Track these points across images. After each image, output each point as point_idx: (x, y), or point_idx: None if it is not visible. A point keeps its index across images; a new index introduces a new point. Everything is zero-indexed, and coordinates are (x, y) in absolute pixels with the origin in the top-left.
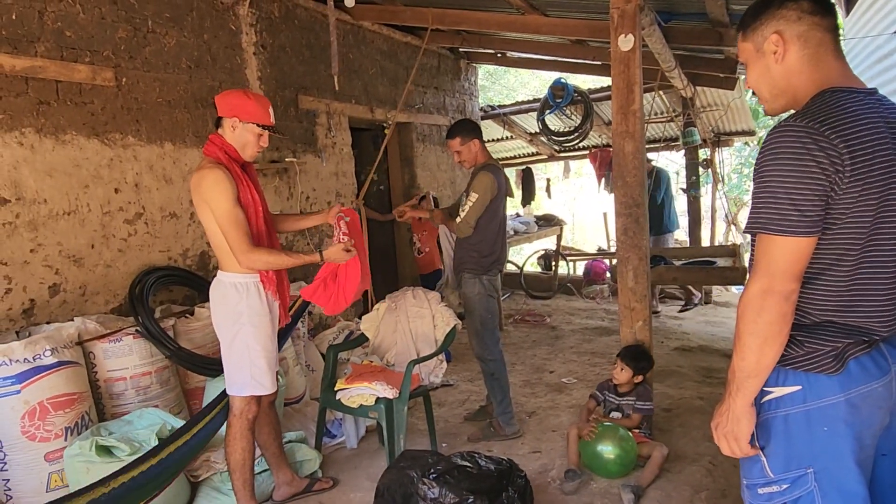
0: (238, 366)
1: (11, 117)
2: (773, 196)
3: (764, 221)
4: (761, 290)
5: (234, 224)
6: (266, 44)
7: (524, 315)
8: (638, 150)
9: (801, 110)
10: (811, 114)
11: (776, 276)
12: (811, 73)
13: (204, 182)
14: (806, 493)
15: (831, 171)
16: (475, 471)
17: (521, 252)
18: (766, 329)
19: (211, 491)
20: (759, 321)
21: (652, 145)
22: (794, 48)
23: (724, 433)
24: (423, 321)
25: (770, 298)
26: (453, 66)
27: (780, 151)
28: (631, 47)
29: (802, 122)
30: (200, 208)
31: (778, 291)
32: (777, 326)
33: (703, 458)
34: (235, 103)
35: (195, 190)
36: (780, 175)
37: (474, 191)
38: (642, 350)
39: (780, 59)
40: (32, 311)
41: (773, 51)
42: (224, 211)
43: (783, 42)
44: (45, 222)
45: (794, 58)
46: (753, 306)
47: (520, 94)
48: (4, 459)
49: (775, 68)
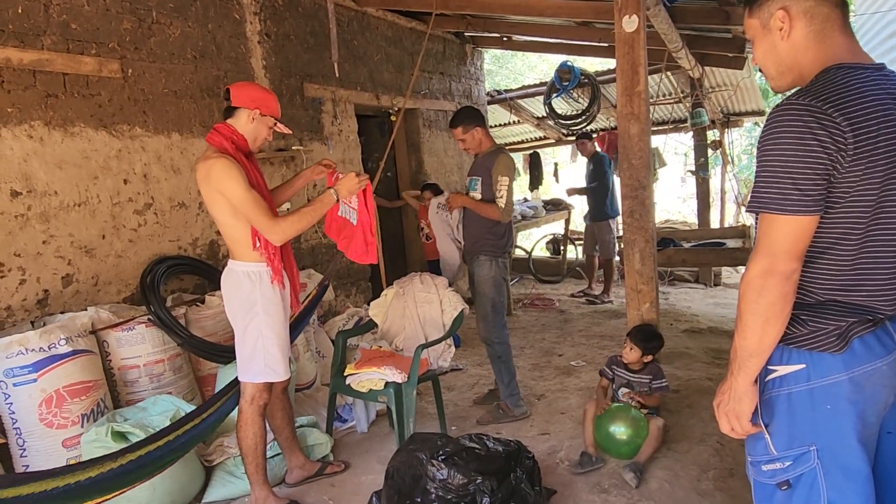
0: (252, 353)
1: (20, 110)
2: (774, 175)
3: (765, 201)
4: (762, 271)
5: (255, 205)
6: (270, 32)
7: (533, 299)
8: (643, 132)
9: (805, 88)
10: (814, 91)
11: (778, 255)
12: (817, 49)
13: (213, 171)
14: (808, 469)
15: (833, 149)
16: (483, 452)
17: (530, 237)
18: (768, 309)
19: (225, 475)
20: (761, 301)
21: (660, 127)
22: (800, 24)
23: (726, 411)
24: (430, 306)
25: (771, 279)
26: (459, 50)
27: (782, 130)
28: (635, 28)
29: (805, 100)
30: (210, 198)
31: (780, 272)
32: (778, 306)
33: (711, 437)
34: (256, 96)
35: (203, 180)
36: (781, 154)
37: (502, 174)
38: (652, 330)
39: (786, 36)
40: (46, 302)
41: (779, 27)
42: (241, 196)
43: (789, 18)
44: (57, 214)
45: (800, 34)
46: (755, 286)
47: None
48: (24, 446)
49: (781, 45)
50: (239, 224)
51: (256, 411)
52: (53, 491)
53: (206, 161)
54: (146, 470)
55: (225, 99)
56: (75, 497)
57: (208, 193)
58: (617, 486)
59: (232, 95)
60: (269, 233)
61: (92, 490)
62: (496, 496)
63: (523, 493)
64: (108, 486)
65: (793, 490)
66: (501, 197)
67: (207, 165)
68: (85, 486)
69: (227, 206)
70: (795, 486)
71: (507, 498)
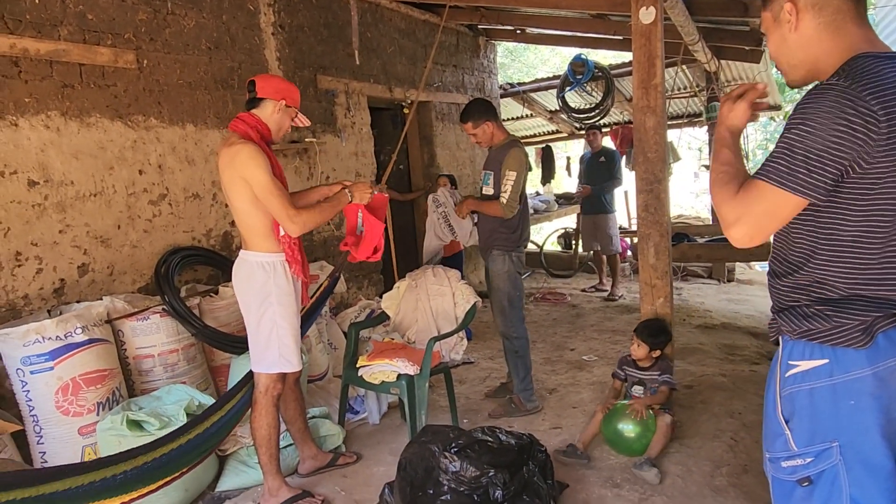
0: (266, 344)
1: (38, 101)
2: (788, 149)
3: (769, 170)
4: (735, 221)
5: (277, 193)
6: (284, 24)
7: (545, 293)
8: (659, 126)
9: (842, 71)
10: (852, 75)
11: (751, 220)
12: (830, 41)
13: (240, 156)
14: (830, 466)
15: (862, 138)
16: (496, 445)
17: (541, 231)
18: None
19: (238, 465)
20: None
21: (674, 121)
22: (808, 16)
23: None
24: (443, 299)
25: (733, 230)
26: (472, 43)
27: (813, 109)
28: (652, 20)
29: (844, 83)
30: (232, 183)
31: (743, 233)
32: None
33: (725, 434)
34: (282, 87)
35: (228, 165)
36: (803, 131)
37: (510, 169)
38: (659, 325)
39: (794, 29)
40: (63, 291)
41: (787, 20)
42: (265, 182)
43: (796, 11)
44: (73, 204)
45: (809, 26)
46: (726, 219)
47: (539, 72)
48: (41, 433)
49: (790, 37)
50: (257, 212)
51: (270, 402)
52: (91, 485)
53: (232, 146)
54: (181, 461)
55: (249, 90)
56: (113, 491)
57: (231, 178)
58: (629, 480)
59: (257, 87)
60: (288, 222)
61: (130, 483)
62: (509, 489)
63: (536, 487)
64: (146, 478)
65: (814, 486)
66: (506, 192)
67: (234, 150)
68: (121, 480)
69: (247, 193)
70: (816, 482)
71: (520, 491)
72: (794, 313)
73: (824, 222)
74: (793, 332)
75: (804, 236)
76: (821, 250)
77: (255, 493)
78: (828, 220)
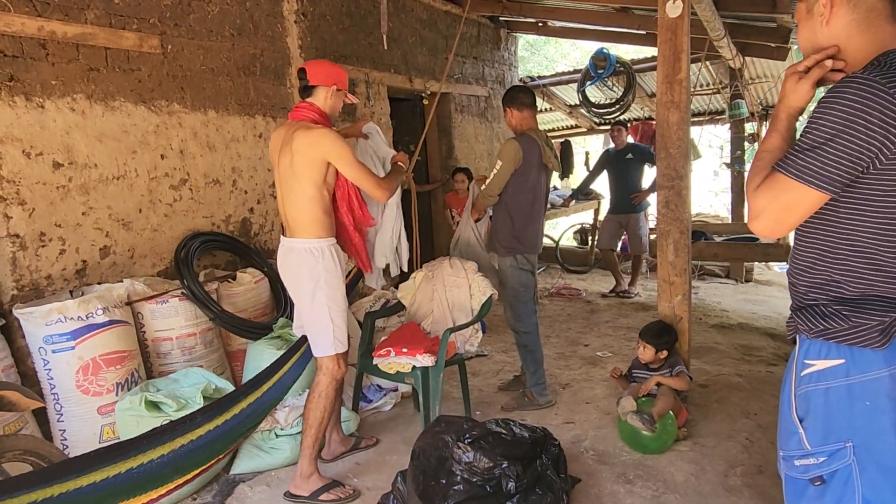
0: (321, 327)
1: (64, 83)
2: (810, 144)
3: (789, 164)
4: (759, 211)
5: (365, 169)
6: (307, 11)
7: (559, 289)
8: (683, 121)
9: (869, 66)
10: (880, 68)
11: (770, 213)
12: (860, 38)
13: (325, 139)
14: (843, 466)
15: (883, 132)
16: (509, 437)
17: (557, 226)
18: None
19: (252, 448)
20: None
21: (696, 118)
22: (842, 12)
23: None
24: (459, 290)
25: (755, 223)
26: (493, 35)
27: (835, 102)
28: (679, 13)
29: (870, 75)
30: (307, 166)
31: (763, 226)
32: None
33: (740, 434)
34: (334, 72)
35: (311, 148)
36: (825, 125)
37: (498, 158)
38: (661, 326)
39: (826, 23)
40: (84, 272)
41: (821, 13)
42: (353, 160)
43: (831, 5)
44: (96, 186)
45: (841, 22)
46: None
47: (559, 66)
48: (61, 411)
49: (821, 31)
50: (320, 197)
51: (333, 385)
52: (128, 473)
53: (312, 130)
54: (217, 446)
55: (300, 78)
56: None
57: (310, 160)
58: (642, 477)
59: (309, 74)
60: (377, 189)
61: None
62: (521, 481)
63: (548, 480)
64: (184, 463)
65: (826, 486)
66: (488, 180)
67: (317, 134)
68: (159, 465)
69: (319, 178)
70: (829, 482)
71: (533, 483)
72: (812, 312)
73: (843, 218)
74: (810, 330)
75: (823, 232)
76: (839, 248)
77: (269, 476)
78: (847, 217)
